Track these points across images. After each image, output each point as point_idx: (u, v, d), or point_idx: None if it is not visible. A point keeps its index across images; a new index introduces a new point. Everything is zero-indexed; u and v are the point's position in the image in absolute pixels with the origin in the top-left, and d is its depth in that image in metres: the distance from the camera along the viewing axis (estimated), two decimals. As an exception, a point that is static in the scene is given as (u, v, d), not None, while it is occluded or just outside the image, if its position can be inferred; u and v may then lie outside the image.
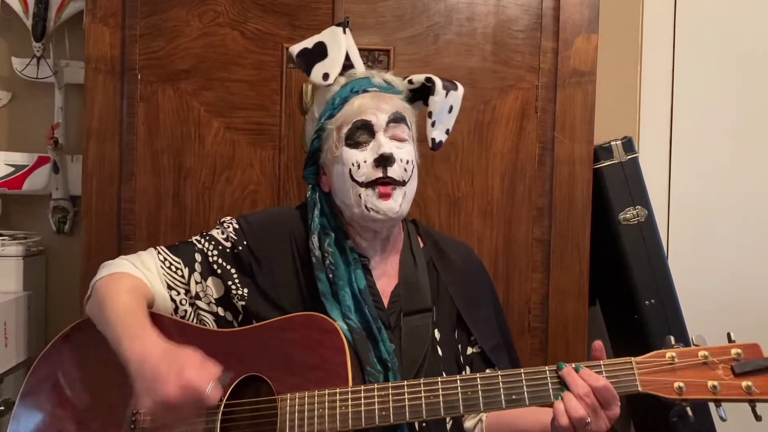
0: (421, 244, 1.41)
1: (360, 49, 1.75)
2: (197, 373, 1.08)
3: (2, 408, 1.84)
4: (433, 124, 1.37)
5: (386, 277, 1.36)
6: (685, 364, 1.11)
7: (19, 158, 2.12)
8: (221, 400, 1.18)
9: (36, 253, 2.10)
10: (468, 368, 1.36)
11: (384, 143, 1.27)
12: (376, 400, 1.14)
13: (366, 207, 1.27)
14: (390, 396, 1.14)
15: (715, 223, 2.21)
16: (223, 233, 1.35)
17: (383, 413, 1.14)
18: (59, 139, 2.12)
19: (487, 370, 1.35)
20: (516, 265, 1.80)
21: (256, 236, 1.34)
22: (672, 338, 1.16)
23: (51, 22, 2.12)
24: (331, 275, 1.28)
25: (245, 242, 1.33)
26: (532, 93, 1.79)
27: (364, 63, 1.77)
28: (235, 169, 1.77)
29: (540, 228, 1.80)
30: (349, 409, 1.14)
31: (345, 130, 1.29)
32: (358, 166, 1.27)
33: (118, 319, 1.19)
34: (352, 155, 1.28)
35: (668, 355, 1.12)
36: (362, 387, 1.16)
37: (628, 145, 1.86)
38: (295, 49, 1.37)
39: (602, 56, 1.79)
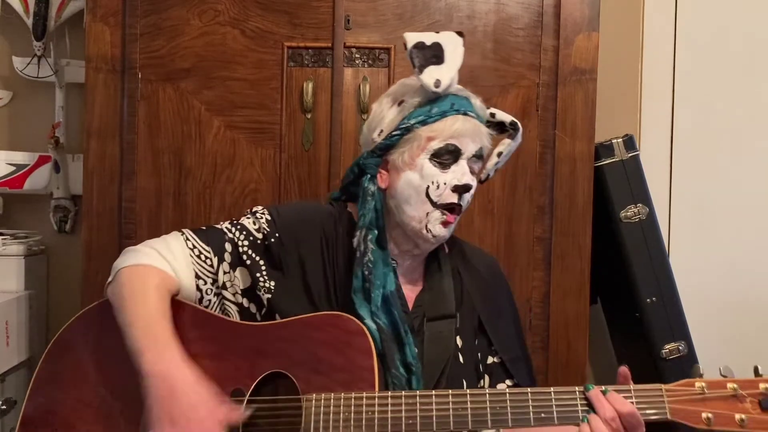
0: (447, 251, 1.41)
1: (360, 48, 1.77)
2: (212, 423, 1.10)
3: (4, 407, 1.84)
4: (496, 163, 1.39)
5: (411, 283, 1.36)
6: (714, 395, 1.12)
7: (20, 157, 2.12)
8: (245, 394, 1.17)
9: (37, 252, 2.10)
10: (487, 377, 1.35)
11: (467, 172, 1.29)
12: (403, 407, 1.13)
13: (426, 227, 1.29)
14: (417, 405, 1.14)
15: (716, 221, 2.21)
16: (255, 223, 1.33)
17: (410, 422, 1.13)
18: (60, 139, 2.12)
19: (507, 382, 1.35)
20: (517, 264, 1.80)
21: (287, 229, 1.32)
22: (700, 367, 1.16)
23: (51, 21, 2.12)
24: (367, 272, 1.26)
25: (277, 234, 1.31)
26: (533, 91, 1.79)
27: (364, 61, 1.79)
28: (235, 168, 1.77)
29: (541, 226, 1.80)
30: (376, 415, 1.13)
31: (435, 145, 1.28)
32: (437, 187, 1.28)
33: (144, 326, 1.18)
34: (434, 173, 1.28)
35: (698, 385, 1.13)
36: (389, 393, 1.15)
37: (629, 142, 1.86)
38: (412, 38, 1.32)
39: (603, 54, 1.79)
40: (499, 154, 1.38)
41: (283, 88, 1.76)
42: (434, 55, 1.30)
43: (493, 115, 1.37)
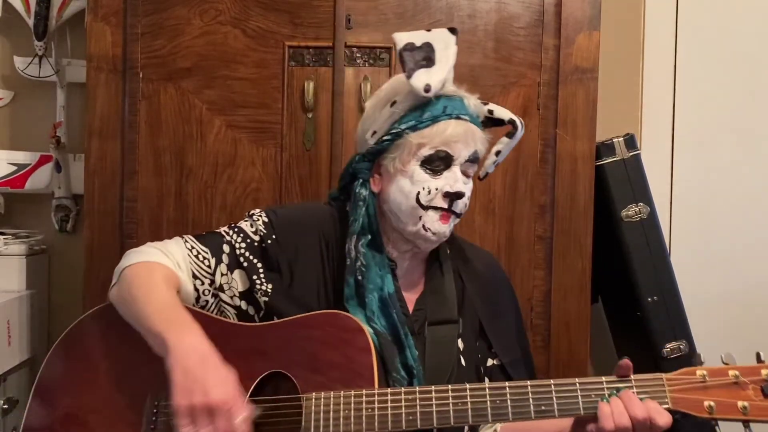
0: (448, 250, 1.40)
1: (361, 47, 1.77)
2: (238, 396, 1.09)
3: (6, 406, 1.84)
4: (495, 162, 1.37)
5: (412, 285, 1.35)
6: (716, 383, 1.10)
7: (22, 157, 2.12)
8: (245, 395, 1.17)
9: (38, 251, 2.11)
10: (487, 379, 1.34)
11: (459, 179, 1.27)
12: (403, 404, 1.13)
13: (424, 227, 1.26)
14: (417, 401, 1.13)
15: (717, 220, 2.21)
16: (252, 226, 1.33)
17: (410, 418, 1.12)
18: (61, 138, 2.12)
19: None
20: (518, 263, 1.80)
21: (285, 231, 1.32)
22: (701, 356, 1.15)
23: (53, 20, 2.12)
24: (360, 277, 1.26)
25: (274, 236, 1.31)
26: (534, 90, 1.79)
27: (365, 60, 1.79)
28: (237, 168, 1.77)
29: (542, 225, 1.80)
30: (376, 412, 1.13)
31: (425, 151, 1.26)
32: (429, 192, 1.26)
33: (159, 311, 1.18)
34: (424, 179, 1.26)
35: (699, 373, 1.11)
36: (389, 390, 1.15)
37: (630, 142, 1.86)
38: (401, 39, 1.28)
39: (604, 53, 1.79)
40: (498, 153, 1.36)
41: (285, 88, 1.76)
42: (425, 57, 1.27)
43: (491, 112, 1.35)
